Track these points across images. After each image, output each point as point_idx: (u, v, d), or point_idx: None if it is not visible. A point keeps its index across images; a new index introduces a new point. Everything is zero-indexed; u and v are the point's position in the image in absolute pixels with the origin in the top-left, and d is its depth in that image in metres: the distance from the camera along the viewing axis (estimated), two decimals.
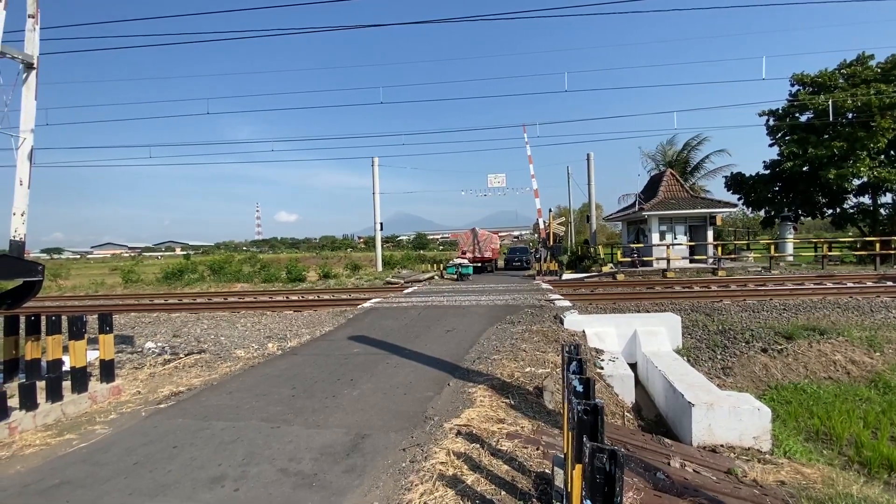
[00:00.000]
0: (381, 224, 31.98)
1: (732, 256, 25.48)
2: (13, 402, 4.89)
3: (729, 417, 5.86)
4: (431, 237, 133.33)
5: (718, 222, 25.40)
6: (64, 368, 5.70)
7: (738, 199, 30.99)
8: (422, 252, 61.91)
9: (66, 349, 5.75)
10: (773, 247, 23.20)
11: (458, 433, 4.14)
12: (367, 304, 13.49)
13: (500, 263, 33.51)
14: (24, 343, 5.74)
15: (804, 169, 27.15)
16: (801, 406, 7.82)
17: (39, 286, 5.71)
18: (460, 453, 3.72)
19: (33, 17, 6.00)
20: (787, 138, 28.31)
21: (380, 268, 31.62)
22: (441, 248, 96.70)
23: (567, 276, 22.89)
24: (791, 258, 25.97)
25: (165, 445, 4.17)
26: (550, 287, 17.13)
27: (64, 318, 5.90)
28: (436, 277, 25.53)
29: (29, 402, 4.92)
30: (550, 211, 30.39)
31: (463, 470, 3.46)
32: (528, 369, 6.34)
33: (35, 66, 5.92)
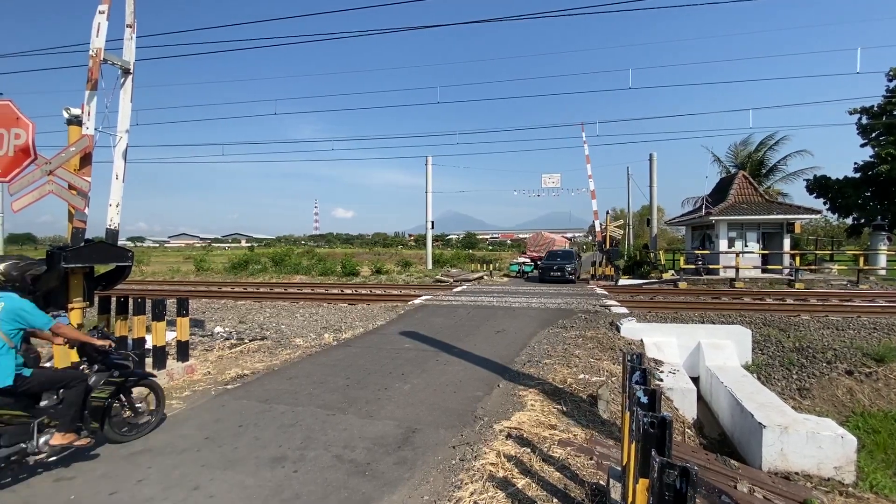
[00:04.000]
0: (433, 223, 32.28)
1: (812, 268, 23.17)
2: None
3: (806, 443, 5.35)
4: (481, 237, 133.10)
5: (797, 230, 23.18)
6: (146, 346, 6.27)
7: (824, 205, 28.17)
8: (471, 251, 61.95)
9: (147, 329, 6.32)
10: (861, 258, 20.82)
11: (509, 435, 4.10)
12: (417, 301, 13.70)
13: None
14: (115, 321, 6.37)
15: None
16: (893, 437, 7.00)
17: (129, 271, 6.30)
18: (511, 456, 3.68)
19: (131, 27, 6.60)
20: (882, 139, 25.41)
21: (430, 266, 31.98)
22: (490, 248, 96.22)
23: (623, 281, 21.94)
24: (883, 272, 23.22)
25: (232, 424, 4.47)
26: (605, 292, 16.50)
27: (148, 300, 6.49)
28: (485, 277, 25.43)
29: None
30: (607, 213, 29.32)
31: (514, 473, 3.42)
32: (581, 376, 6.15)
33: (132, 71, 6.53)
